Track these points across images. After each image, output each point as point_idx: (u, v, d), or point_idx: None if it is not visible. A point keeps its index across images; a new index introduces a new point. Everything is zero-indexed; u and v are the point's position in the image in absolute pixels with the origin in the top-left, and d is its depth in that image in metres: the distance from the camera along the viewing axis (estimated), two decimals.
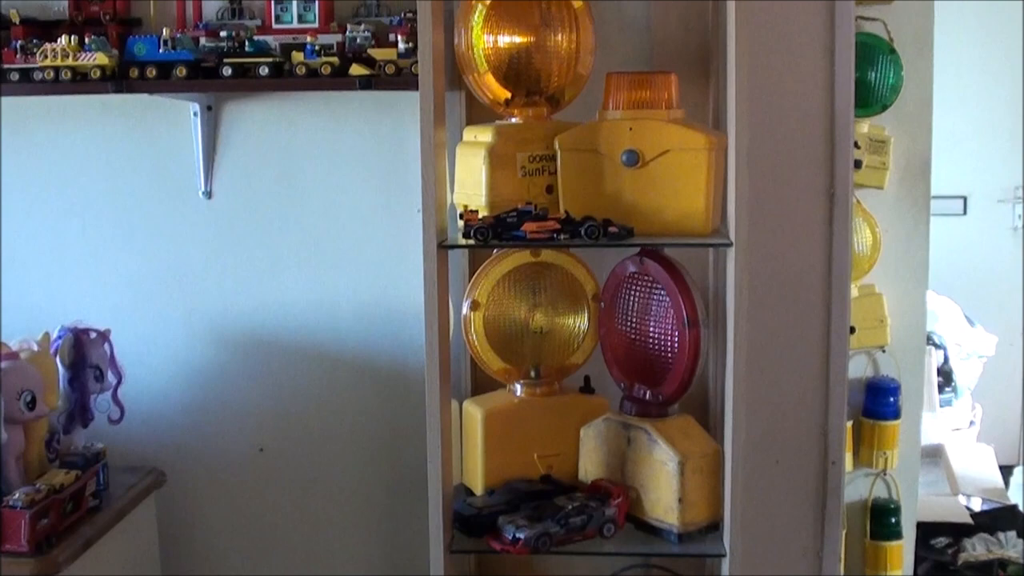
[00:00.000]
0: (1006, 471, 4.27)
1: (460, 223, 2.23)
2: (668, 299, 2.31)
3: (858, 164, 2.73)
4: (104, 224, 2.96)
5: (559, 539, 2.24)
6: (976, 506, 3.84)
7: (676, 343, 2.30)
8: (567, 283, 2.51)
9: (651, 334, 2.36)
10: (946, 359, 4.31)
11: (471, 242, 2.18)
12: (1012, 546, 3.53)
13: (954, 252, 4.77)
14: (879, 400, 2.92)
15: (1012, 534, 3.58)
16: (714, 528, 2.30)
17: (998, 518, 3.70)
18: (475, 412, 2.46)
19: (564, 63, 2.38)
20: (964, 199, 5.28)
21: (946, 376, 4.29)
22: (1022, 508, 3.85)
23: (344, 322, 2.92)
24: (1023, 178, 5.19)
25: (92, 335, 2.65)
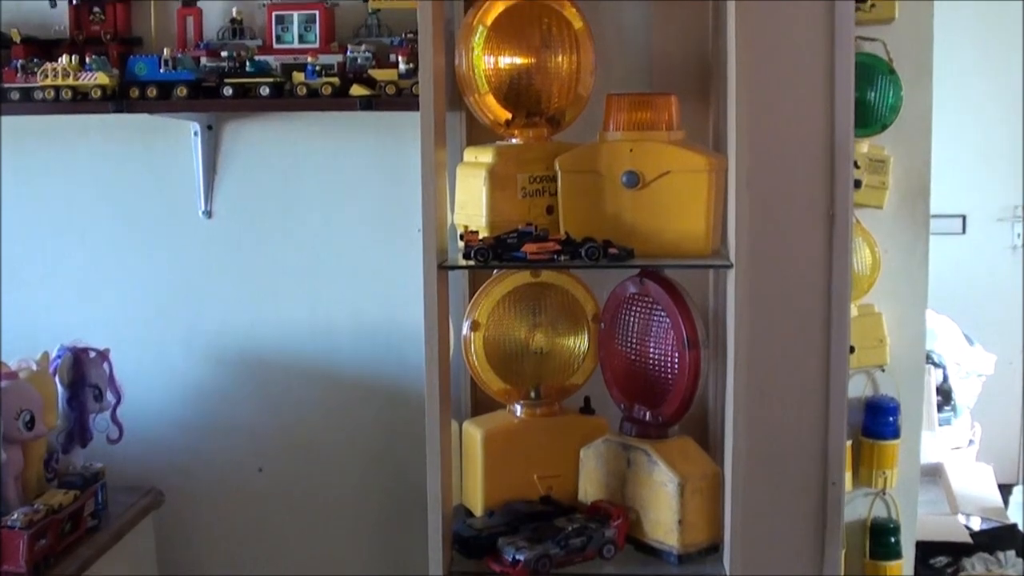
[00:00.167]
0: (1005, 490, 4.25)
1: (460, 243, 2.23)
2: (668, 320, 2.30)
3: (857, 184, 2.73)
4: (104, 243, 2.97)
5: (559, 561, 2.24)
6: (975, 525, 3.83)
7: (676, 364, 2.30)
8: (567, 304, 2.51)
9: (651, 355, 2.36)
10: (945, 378, 4.31)
11: (471, 263, 2.17)
12: (1012, 566, 3.53)
13: (953, 271, 4.76)
14: (878, 419, 2.91)
15: (1011, 553, 3.58)
16: (714, 550, 2.30)
17: (997, 537, 3.69)
18: (475, 433, 2.46)
19: (564, 84, 2.38)
20: (963, 218, 5.28)
21: (945, 395, 4.29)
22: (1021, 527, 3.84)
23: (344, 342, 2.92)
24: (1022, 197, 5.20)
25: (91, 354, 2.66)
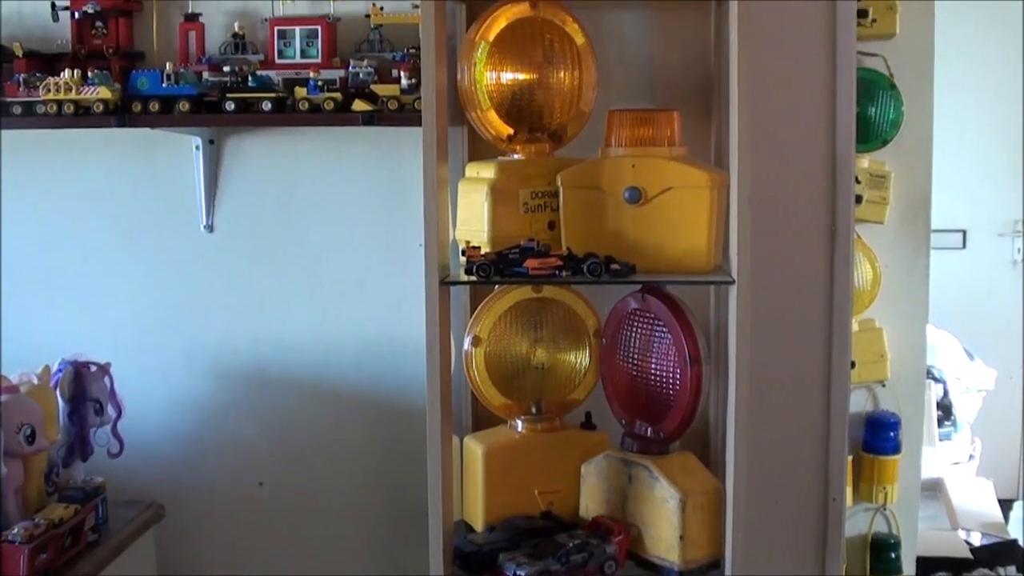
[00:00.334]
0: (1006, 505, 4.25)
1: (462, 259, 2.23)
2: (670, 336, 2.30)
3: (858, 199, 2.74)
4: (105, 257, 2.97)
5: None
6: (976, 541, 3.83)
7: (678, 380, 2.30)
8: (569, 319, 2.51)
9: (653, 371, 2.36)
10: (946, 393, 4.31)
11: (473, 278, 2.17)
12: None
13: (954, 286, 4.76)
14: (879, 435, 2.92)
15: (1012, 569, 3.58)
16: (715, 566, 2.29)
17: (998, 553, 3.69)
18: (476, 448, 2.46)
19: (566, 100, 2.39)
20: (964, 233, 5.29)
21: (945, 410, 4.28)
22: (1022, 543, 3.84)
23: (345, 357, 2.92)
24: (1023, 212, 5.20)
25: (92, 368, 2.65)
